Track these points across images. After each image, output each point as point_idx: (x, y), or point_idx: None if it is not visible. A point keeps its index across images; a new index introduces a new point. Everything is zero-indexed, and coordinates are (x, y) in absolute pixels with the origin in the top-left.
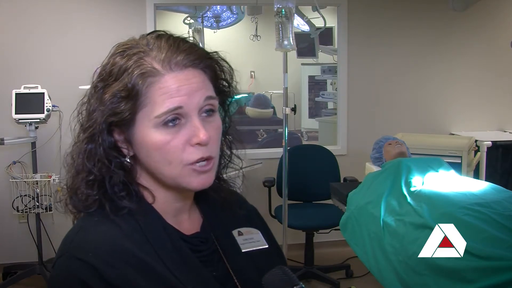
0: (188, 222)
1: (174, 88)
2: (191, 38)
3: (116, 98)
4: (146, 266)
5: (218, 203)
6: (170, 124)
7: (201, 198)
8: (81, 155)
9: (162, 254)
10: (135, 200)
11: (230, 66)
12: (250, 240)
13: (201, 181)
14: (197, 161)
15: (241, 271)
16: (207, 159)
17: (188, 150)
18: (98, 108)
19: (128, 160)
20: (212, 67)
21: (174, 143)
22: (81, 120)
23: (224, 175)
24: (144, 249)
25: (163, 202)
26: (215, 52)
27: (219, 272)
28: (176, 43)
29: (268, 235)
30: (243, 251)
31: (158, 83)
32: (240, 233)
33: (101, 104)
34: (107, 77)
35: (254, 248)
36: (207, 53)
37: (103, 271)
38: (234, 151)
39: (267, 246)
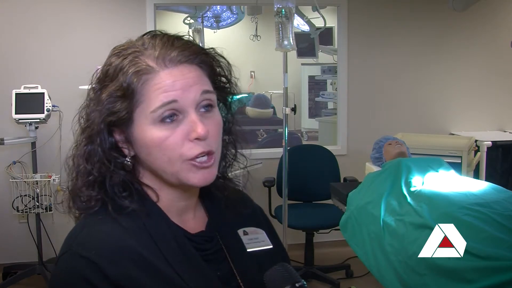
0: (193, 221)
1: (169, 83)
2: (187, 36)
3: (112, 98)
4: (149, 264)
5: (223, 201)
6: (168, 120)
7: (206, 197)
8: (81, 157)
9: (166, 252)
10: (137, 199)
11: (228, 62)
12: (255, 240)
13: (202, 176)
14: (197, 156)
15: (245, 271)
16: (208, 153)
17: (187, 146)
18: (95, 109)
19: (129, 160)
20: (209, 62)
21: (172, 138)
22: (81, 124)
23: (229, 174)
24: (148, 247)
25: (167, 201)
26: (212, 48)
27: (223, 271)
28: (170, 41)
29: (272, 235)
30: (248, 250)
31: (153, 80)
32: (245, 233)
33: (99, 105)
34: (103, 78)
35: (259, 248)
36: (202, 49)
37: (106, 269)
38: (238, 149)
39: (271, 246)
